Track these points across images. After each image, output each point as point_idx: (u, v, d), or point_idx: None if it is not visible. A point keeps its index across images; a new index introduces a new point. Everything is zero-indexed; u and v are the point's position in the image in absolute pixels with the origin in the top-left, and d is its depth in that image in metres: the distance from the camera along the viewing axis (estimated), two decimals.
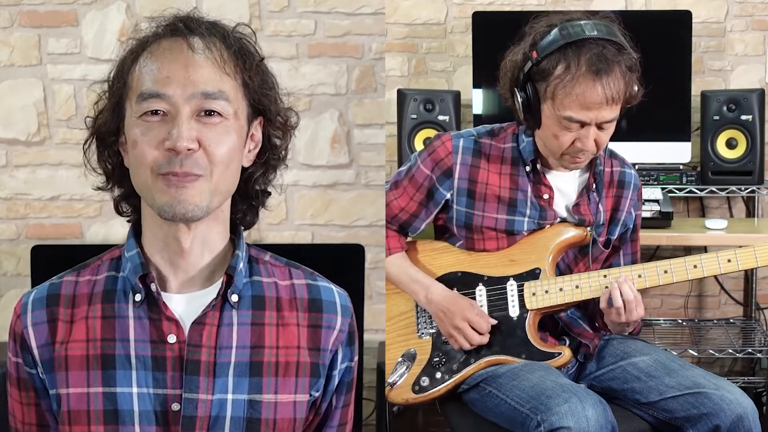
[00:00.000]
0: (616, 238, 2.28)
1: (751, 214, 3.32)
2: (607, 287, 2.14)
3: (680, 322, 3.36)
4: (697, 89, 3.11)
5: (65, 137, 2.97)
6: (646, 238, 2.61)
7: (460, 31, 3.31)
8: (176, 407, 1.42)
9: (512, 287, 2.22)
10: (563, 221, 2.24)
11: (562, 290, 2.19)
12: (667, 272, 2.16)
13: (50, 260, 2.53)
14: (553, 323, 2.26)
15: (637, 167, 2.54)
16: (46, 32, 2.95)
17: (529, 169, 2.21)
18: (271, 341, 1.48)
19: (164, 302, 1.45)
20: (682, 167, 3.11)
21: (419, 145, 3.05)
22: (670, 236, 2.83)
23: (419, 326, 2.29)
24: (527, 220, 2.22)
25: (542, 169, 2.21)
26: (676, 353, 2.77)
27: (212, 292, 1.47)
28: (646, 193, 2.79)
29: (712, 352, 3.10)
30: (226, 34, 1.46)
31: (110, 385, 1.43)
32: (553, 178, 2.22)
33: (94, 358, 1.44)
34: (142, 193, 1.45)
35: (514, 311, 2.21)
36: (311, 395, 1.50)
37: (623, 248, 2.32)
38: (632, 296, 2.11)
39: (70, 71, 2.96)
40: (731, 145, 3.02)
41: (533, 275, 2.21)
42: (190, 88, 1.40)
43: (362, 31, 3.00)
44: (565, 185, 2.23)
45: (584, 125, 2.06)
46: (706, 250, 3.10)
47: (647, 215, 2.78)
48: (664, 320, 3.37)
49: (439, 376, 2.24)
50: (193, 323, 1.44)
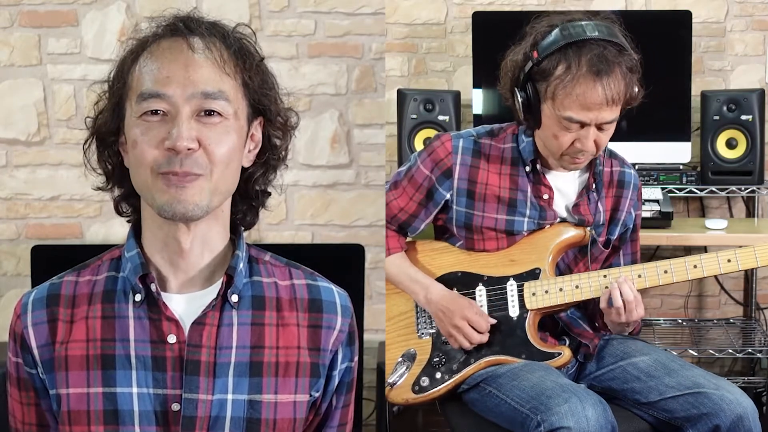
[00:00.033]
0: (615, 238, 2.28)
1: (751, 214, 3.32)
2: (607, 287, 2.14)
3: (680, 322, 3.36)
4: (697, 89, 3.11)
5: (65, 137, 2.97)
6: (646, 238, 2.60)
7: (460, 31, 3.31)
8: (176, 407, 1.42)
9: (512, 287, 2.22)
10: (563, 221, 2.24)
11: (562, 290, 2.19)
12: (667, 272, 2.16)
13: (50, 260, 2.53)
14: (553, 323, 2.26)
15: (637, 167, 2.54)
16: (46, 32, 2.95)
17: (528, 169, 2.21)
18: (271, 341, 1.48)
19: (164, 302, 1.45)
20: (682, 167, 3.11)
21: (419, 145, 3.05)
22: (670, 236, 2.83)
23: (419, 326, 2.29)
24: (527, 220, 2.22)
25: (542, 169, 2.21)
26: (676, 353, 2.77)
27: (212, 292, 1.47)
28: (646, 193, 2.79)
29: (712, 352, 3.10)
30: (226, 34, 1.46)
31: (110, 385, 1.43)
32: (552, 178, 2.22)
33: (94, 358, 1.44)
34: (142, 192, 1.45)
35: (514, 311, 2.21)
36: (311, 395, 1.50)
37: (623, 248, 2.32)
38: (632, 296, 2.11)
39: (70, 71, 2.96)
40: (731, 145, 3.02)
41: (533, 275, 2.21)
42: (190, 88, 1.40)
43: (362, 31, 2.99)
44: (564, 185, 2.23)
45: (584, 126, 2.06)
46: (706, 250, 3.09)
47: (647, 215, 2.77)
48: (664, 320, 3.37)
49: (439, 376, 2.24)
50: (193, 323, 1.44)
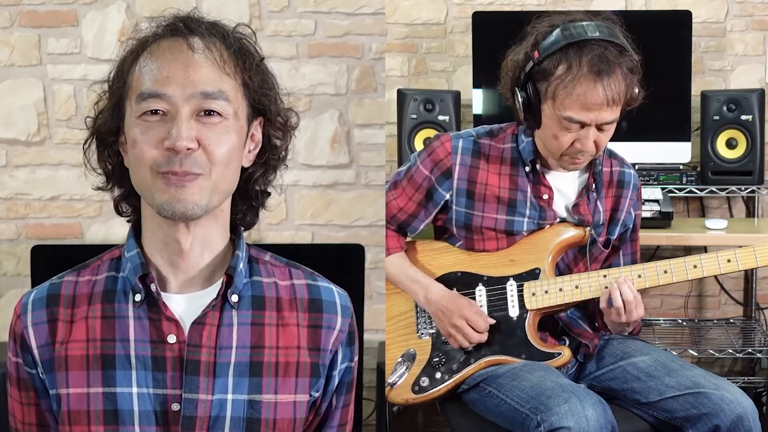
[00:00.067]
0: (615, 238, 2.28)
1: (751, 214, 3.32)
2: (606, 287, 2.14)
3: (680, 322, 3.36)
4: (697, 89, 3.11)
5: (65, 137, 2.97)
6: (646, 238, 2.60)
7: (460, 31, 3.31)
8: (176, 407, 1.42)
9: (512, 287, 2.22)
10: (563, 221, 2.24)
11: (561, 290, 2.19)
12: (666, 272, 2.16)
13: (50, 260, 2.53)
14: (552, 323, 2.26)
15: (637, 167, 2.54)
16: (46, 32, 2.95)
17: (528, 169, 2.21)
18: (271, 341, 1.48)
19: (164, 302, 1.45)
20: (682, 167, 3.11)
21: (419, 145, 3.05)
22: (670, 236, 2.83)
23: (419, 326, 2.29)
24: (527, 220, 2.21)
25: (542, 169, 2.21)
26: (676, 353, 2.77)
27: (212, 292, 1.47)
28: (646, 193, 2.79)
29: (712, 352, 3.10)
30: (226, 34, 1.46)
31: (110, 385, 1.43)
32: (552, 178, 2.22)
33: (94, 358, 1.44)
34: (141, 192, 1.45)
35: (513, 311, 2.21)
36: (311, 395, 1.50)
37: (623, 248, 2.32)
38: (632, 296, 2.11)
39: (70, 71, 2.96)
40: (731, 145, 3.02)
41: (533, 275, 2.21)
42: (189, 88, 1.40)
43: (362, 31, 2.99)
44: (564, 185, 2.23)
45: (584, 126, 2.06)
46: (706, 250, 3.09)
47: (647, 215, 2.77)
48: (664, 320, 3.37)
49: (438, 376, 2.24)
50: (193, 323, 1.44)
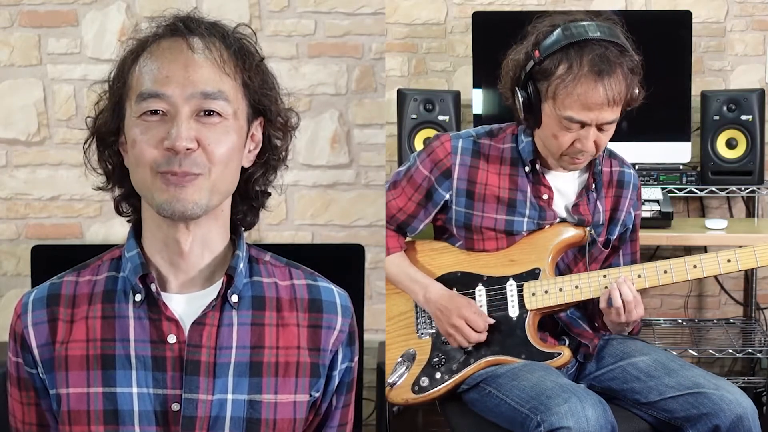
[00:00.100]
0: (615, 238, 2.28)
1: (751, 214, 3.32)
2: (606, 287, 2.14)
3: (680, 322, 3.36)
4: (697, 89, 3.11)
5: (65, 137, 2.97)
6: (646, 238, 2.60)
7: (460, 31, 3.31)
8: (176, 407, 1.42)
9: (512, 287, 2.22)
10: (563, 221, 2.23)
11: (561, 290, 2.19)
12: (666, 272, 2.16)
13: (50, 260, 2.53)
14: (552, 323, 2.26)
15: (637, 167, 2.54)
16: (46, 32, 2.95)
17: (528, 169, 2.21)
18: (271, 341, 1.48)
19: (164, 302, 1.45)
20: (682, 167, 3.11)
21: (419, 145, 3.05)
22: (670, 236, 2.83)
23: (419, 326, 2.29)
24: (527, 220, 2.21)
25: (541, 169, 2.21)
26: (676, 353, 2.77)
27: (212, 292, 1.47)
28: (646, 193, 2.79)
29: (712, 352, 3.10)
30: (226, 34, 1.46)
31: (110, 385, 1.43)
32: (552, 178, 2.22)
33: (94, 358, 1.44)
34: (141, 192, 1.45)
35: (513, 311, 2.21)
36: (311, 395, 1.50)
37: (623, 248, 2.32)
38: (632, 296, 2.11)
39: (70, 71, 2.96)
40: (731, 145, 3.02)
41: (533, 275, 2.21)
42: (189, 88, 1.40)
43: (362, 31, 2.99)
44: (564, 185, 2.23)
45: (584, 126, 2.06)
46: (706, 250, 3.09)
47: (647, 215, 2.77)
48: (664, 320, 3.37)
49: (438, 376, 2.24)
50: (193, 323, 1.44)
